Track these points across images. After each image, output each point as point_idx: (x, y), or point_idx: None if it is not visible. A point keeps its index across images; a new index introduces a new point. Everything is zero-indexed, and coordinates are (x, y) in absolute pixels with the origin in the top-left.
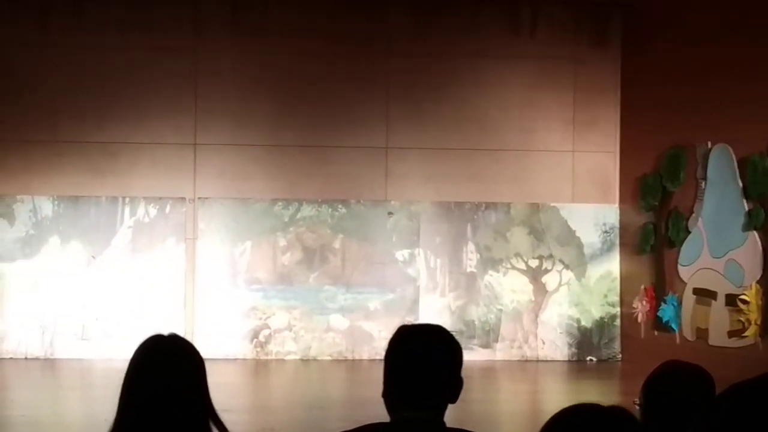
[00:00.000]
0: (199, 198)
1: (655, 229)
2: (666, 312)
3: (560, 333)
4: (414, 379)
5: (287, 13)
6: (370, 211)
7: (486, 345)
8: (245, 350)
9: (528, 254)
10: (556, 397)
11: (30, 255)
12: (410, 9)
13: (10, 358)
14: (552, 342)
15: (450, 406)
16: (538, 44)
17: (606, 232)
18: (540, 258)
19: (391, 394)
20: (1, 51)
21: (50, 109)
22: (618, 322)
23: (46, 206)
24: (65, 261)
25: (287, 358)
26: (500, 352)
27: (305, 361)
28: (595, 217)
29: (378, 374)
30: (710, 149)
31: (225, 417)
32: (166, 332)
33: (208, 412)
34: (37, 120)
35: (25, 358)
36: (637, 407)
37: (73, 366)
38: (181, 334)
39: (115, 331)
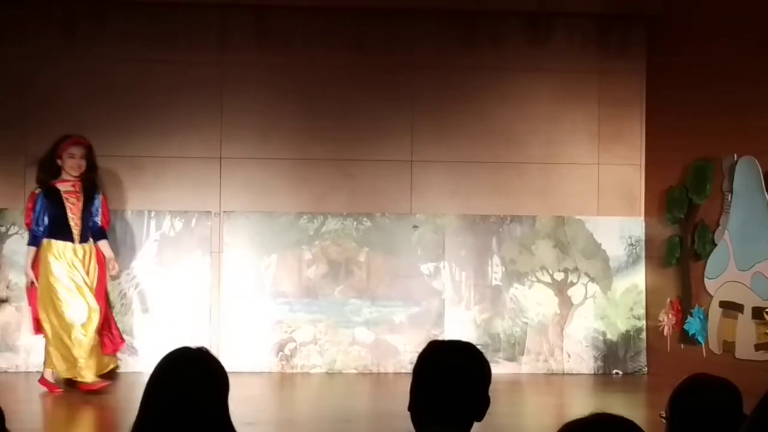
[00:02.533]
0: (224, 211)
1: (681, 242)
2: (692, 325)
3: (586, 346)
4: (442, 396)
5: (312, 27)
6: (395, 224)
7: (511, 358)
8: (271, 363)
9: (553, 267)
10: (582, 410)
11: None
12: (435, 22)
13: (37, 371)
14: (578, 355)
15: None
16: (563, 57)
17: (632, 245)
18: (565, 271)
19: (418, 408)
20: (27, 65)
21: (75, 122)
22: (644, 335)
23: None
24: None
25: (312, 371)
26: (526, 366)
27: (330, 375)
28: (620, 230)
29: (403, 388)
30: (736, 161)
31: (251, 431)
32: (193, 345)
33: (225, 429)
34: (62, 134)
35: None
36: (664, 421)
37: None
38: (206, 347)
39: (142, 345)
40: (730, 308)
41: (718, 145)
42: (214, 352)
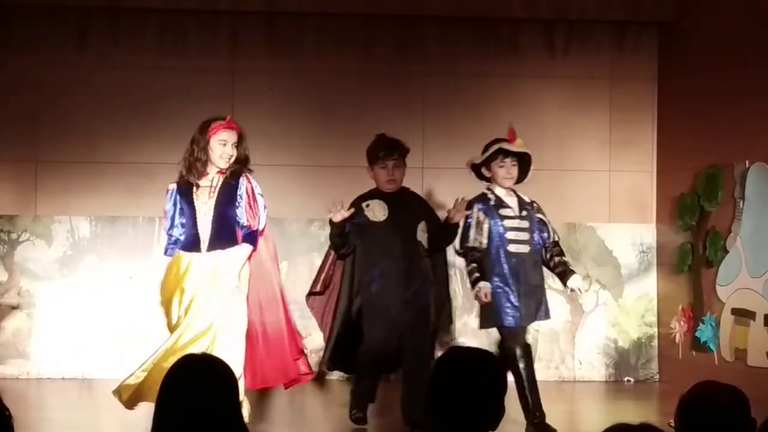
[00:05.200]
0: None
1: (692, 249)
2: (704, 332)
3: (597, 353)
4: (458, 402)
5: (323, 33)
6: None
7: None
8: None
9: None
10: (594, 417)
11: (67, 275)
12: (446, 29)
13: (48, 378)
14: (589, 362)
15: None
16: (574, 64)
17: (643, 252)
18: None
19: (433, 414)
20: (40, 73)
21: (87, 129)
22: (655, 342)
23: (84, 226)
24: (102, 281)
25: (324, 378)
26: (537, 373)
27: (341, 382)
28: (632, 237)
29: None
30: (748, 168)
31: None
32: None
33: (239, 430)
34: (74, 141)
35: (63, 378)
36: (673, 430)
37: (110, 386)
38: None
39: (153, 351)
40: (742, 315)
41: (730, 151)
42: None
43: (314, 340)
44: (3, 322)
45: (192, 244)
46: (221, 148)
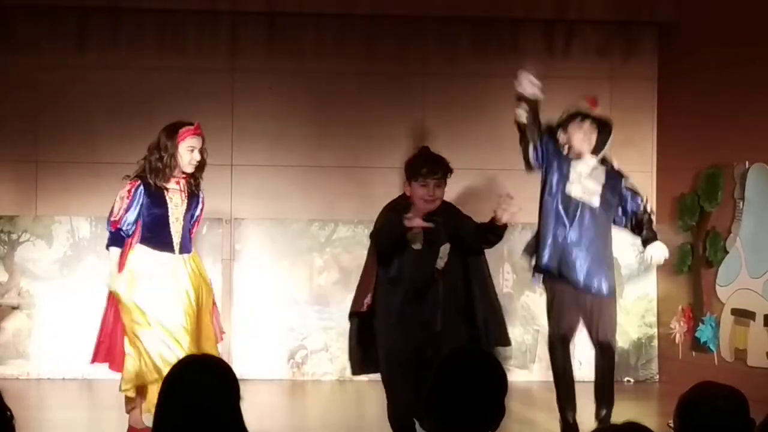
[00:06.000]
0: (235, 219)
1: (692, 250)
2: (704, 332)
3: None
4: (458, 403)
5: (324, 34)
6: None
7: (523, 366)
8: (282, 371)
9: None
10: (594, 418)
11: (67, 275)
12: (446, 29)
13: (48, 379)
14: (589, 363)
15: None
16: (574, 64)
17: (643, 252)
18: None
19: (432, 413)
20: (40, 73)
21: (88, 129)
22: (655, 342)
23: (84, 227)
24: (102, 281)
25: (324, 378)
26: (537, 373)
27: (341, 382)
28: (632, 237)
29: None
30: (748, 169)
31: None
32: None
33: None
34: (74, 141)
35: (63, 379)
36: (672, 430)
37: (110, 387)
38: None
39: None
40: (742, 316)
41: (730, 152)
42: (225, 359)
43: (314, 340)
44: (3, 323)
45: (165, 244)
46: (189, 154)
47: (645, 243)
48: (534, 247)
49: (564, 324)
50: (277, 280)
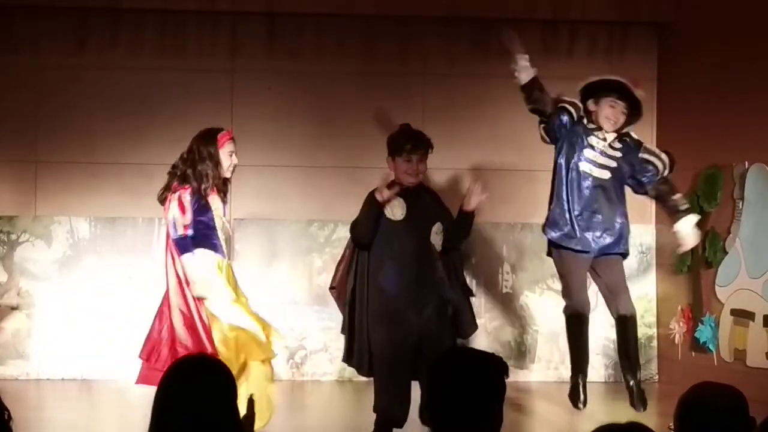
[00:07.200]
0: (234, 219)
1: (692, 250)
2: (703, 333)
3: (597, 354)
4: (456, 407)
5: (323, 34)
6: None
7: (522, 366)
8: (281, 371)
9: None
10: (594, 418)
11: (67, 276)
12: (446, 29)
13: (47, 379)
14: (588, 363)
15: None
16: (574, 64)
17: (642, 252)
18: None
19: (429, 417)
20: (40, 73)
21: (87, 130)
22: (655, 343)
23: (83, 227)
24: (102, 282)
25: (323, 379)
26: (536, 374)
27: (341, 382)
28: (631, 237)
29: (414, 396)
30: (747, 169)
31: None
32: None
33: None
34: (74, 141)
35: (62, 379)
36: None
37: (109, 387)
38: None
39: None
40: (742, 316)
41: (729, 152)
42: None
43: (313, 341)
44: (2, 323)
45: (219, 249)
46: (229, 159)
47: (673, 217)
48: (552, 222)
49: (582, 298)
50: (277, 280)
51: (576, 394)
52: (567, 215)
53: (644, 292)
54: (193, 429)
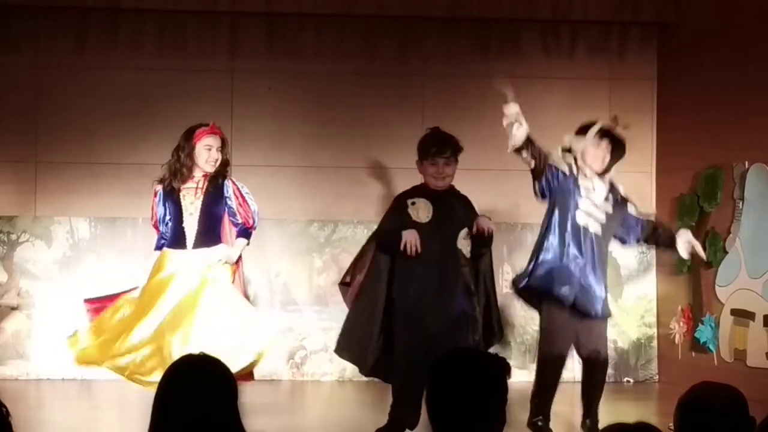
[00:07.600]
0: None
1: None
2: (703, 333)
3: None
4: (458, 408)
5: (323, 34)
6: None
7: (522, 366)
8: (281, 371)
9: None
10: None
11: (67, 276)
12: (446, 29)
13: (47, 379)
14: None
15: None
16: (574, 64)
17: (642, 252)
18: None
19: (432, 415)
20: (39, 73)
21: (87, 130)
22: (655, 343)
23: (83, 227)
24: (102, 282)
25: (323, 379)
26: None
27: (341, 383)
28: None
29: None
30: (747, 169)
31: None
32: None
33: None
34: (74, 141)
35: (62, 380)
36: None
37: (109, 387)
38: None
39: None
40: (742, 316)
41: (729, 152)
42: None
43: (313, 341)
44: (2, 323)
45: (177, 241)
46: (207, 152)
47: (672, 245)
48: (537, 275)
49: (559, 347)
50: (277, 280)
51: None
52: (567, 271)
53: (644, 292)
54: (194, 429)
